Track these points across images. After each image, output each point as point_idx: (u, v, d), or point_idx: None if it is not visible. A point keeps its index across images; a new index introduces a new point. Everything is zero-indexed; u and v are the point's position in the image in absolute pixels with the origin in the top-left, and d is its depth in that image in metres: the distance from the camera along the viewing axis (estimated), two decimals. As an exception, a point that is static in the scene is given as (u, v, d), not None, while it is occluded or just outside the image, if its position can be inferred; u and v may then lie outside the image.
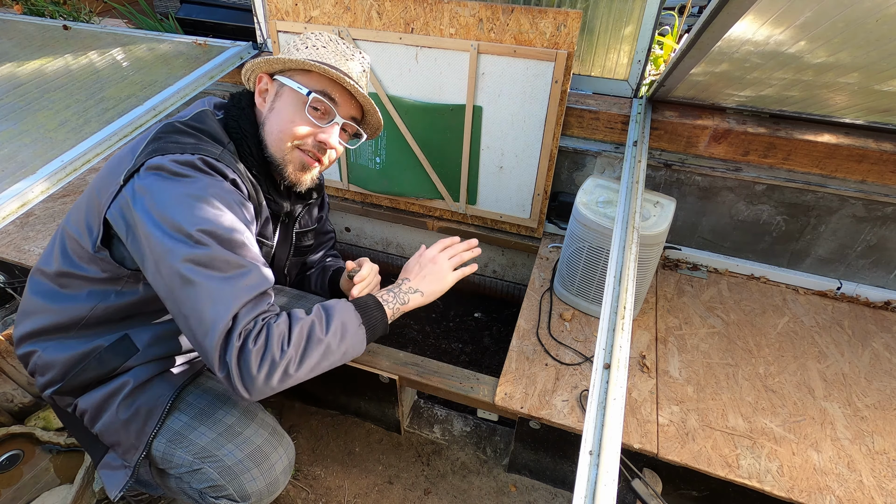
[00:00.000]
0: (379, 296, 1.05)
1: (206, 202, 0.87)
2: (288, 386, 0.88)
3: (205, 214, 0.86)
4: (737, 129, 1.61)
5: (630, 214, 1.26)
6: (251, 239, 0.93)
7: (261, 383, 0.84)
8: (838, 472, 1.19)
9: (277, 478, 1.09)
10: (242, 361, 0.83)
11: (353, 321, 0.96)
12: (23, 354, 1.06)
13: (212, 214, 0.87)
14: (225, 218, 0.88)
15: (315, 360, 0.89)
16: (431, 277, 1.11)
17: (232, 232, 0.88)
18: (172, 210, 0.85)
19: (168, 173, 0.88)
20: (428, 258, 1.13)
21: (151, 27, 3.00)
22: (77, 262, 1.00)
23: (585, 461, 0.75)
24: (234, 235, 0.88)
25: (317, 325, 0.91)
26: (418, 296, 1.09)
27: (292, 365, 0.86)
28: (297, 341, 0.88)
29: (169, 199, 0.86)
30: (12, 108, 1.83)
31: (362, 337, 0.97)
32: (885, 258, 1.72)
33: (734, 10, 0.92)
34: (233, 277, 0.86)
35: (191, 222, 0.84)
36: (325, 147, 1.05)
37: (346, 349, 0.94)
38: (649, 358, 1.47)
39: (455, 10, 1.60)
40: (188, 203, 0.86)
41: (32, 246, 1.88)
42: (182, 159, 0.90)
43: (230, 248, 0.87)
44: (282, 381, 0.86)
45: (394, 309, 1.05)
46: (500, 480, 1.55)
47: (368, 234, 2.41)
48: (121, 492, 1.05)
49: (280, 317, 0.90)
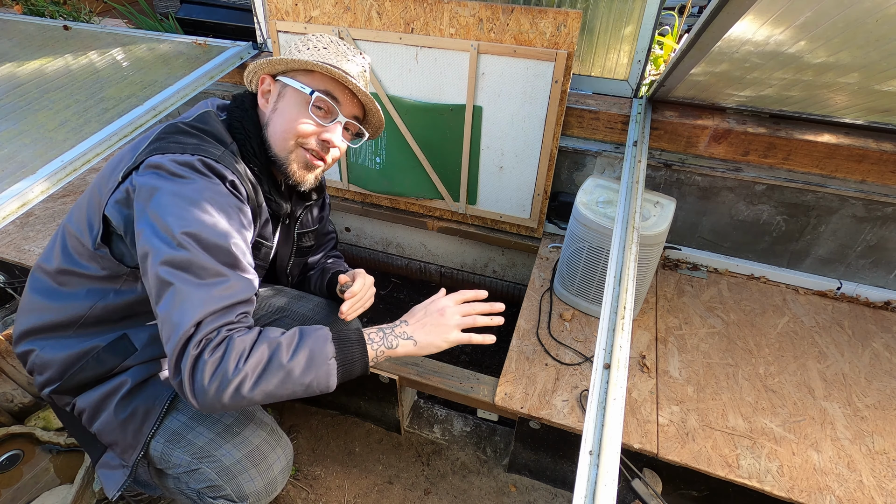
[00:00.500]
0: (367, 332, 0.95)
1: (197, 205, 0.86)
2: (245, 404, 0.84)
3: (192, 217, 0.85)
4: (737, 129, 1.61)
5: (630, 214, 1.26)
6: (242, 246, 0.91)
7: (211, 397, 0.80)
8: (838, 472, 1.19)
9: (275, 478, 1.09)
10: (196, 371, 0.80)
11: (323, 353, 0.88)
12: (21, 353, 1.06)
13: (199, 218, 0.85)
14: (213, 223, 0.87)
15: (273, 384, 0.83)
16: (431, 328, 0.98)
17: (218, 237, 0.86)
18: (163, 210, 0.85)
19: (166, 172, 0.88)
20: (437, 307, 1.00)
21: (151, 27, 3.01)
22: (77, 259, 1.00)
23: (585, 461, 0.75)
24: (219, 241, 0.86)
25: (283, 348, 0.85)
26: (410, 344, 0.97)
27: (246, 384, 0.81)
28: (257, 361, 0.82)
29: (162, 198, 0.86)
30: (12, 108, 1.83)
31: (331, 372, 0.88)
32: (885, 258, 1.72)
33: (734, 10, 0.92)
34: (207, 284, 0.83)
35: (177, 224, 0.84)
36: (328, 146, 1.05)
37: (310, 381, 0.86)
38: (649, 358, 1.47)
39: (455, 10, 1.60)
40: (179, 204, 0.86)
41: (32, 246, 1.88)
42: (181, 160, 0.90)
43: (213, 253, 0.86)
44: (234, 398, 0.81)
45: (378, 351, 0.94)
46: (500, 480, 1.55)
47: (368, 234, 2.41)
48: (119, 491, 1.05)
49: (249, 331, 0.85)
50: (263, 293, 1.40)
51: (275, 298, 1.40)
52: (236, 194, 0.95)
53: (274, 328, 0.90)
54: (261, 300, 1.38)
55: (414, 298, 2.37)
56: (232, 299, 0.85)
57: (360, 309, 1.24)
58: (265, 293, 1.41)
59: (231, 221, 0.90)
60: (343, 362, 0.90)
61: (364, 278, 1.27)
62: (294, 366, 0.85)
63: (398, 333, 0.97)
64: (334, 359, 0.89)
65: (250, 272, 0.92)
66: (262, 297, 1.39)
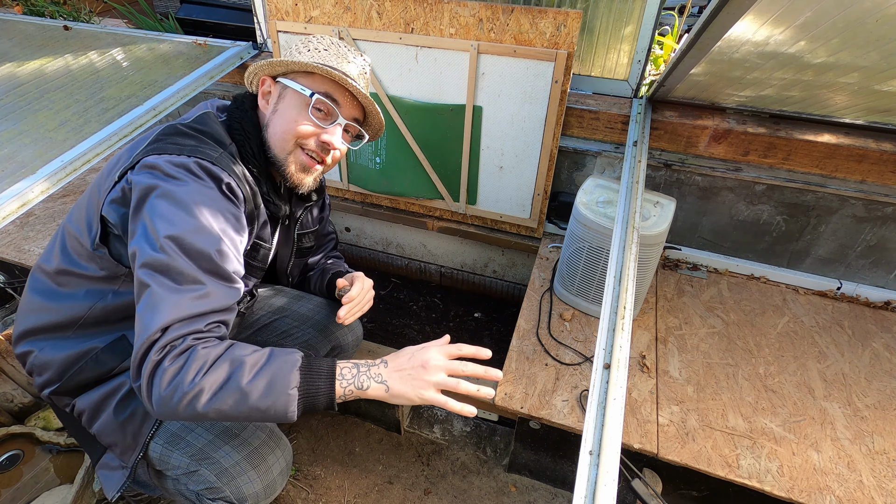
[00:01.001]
0: (341, 367, 0.89)
1: (187, 208, 0.86)
2: (203, 419, 0.81)
3: (179, 221, 0.84)
4: (737, 129, 1.60)
5: (630, 214, 1.26)
6: (229, 252, 0.89)
7: (166, 406, 0.79)
8: (838, 472, 1.19)
9: (275, 480, 1.09)
10: (155, 377, 0.79)
11: (286, 381, 0.82)
12: (20, 353, 1.07)
13: (186, 222, 0.85)
14: (200, 227, 0.86)
15: (228, 405, 0.80)
16: (408, 379, 0.88)
17: (202, 243, 0.85)
18: (153, 211, 0.85)
19: (161, 173, 0.88)
20: (422, 357, 0.89)
21: (151, 27, 3.00)
22: (76, 259, 1.00)
23: (585, 461, 0.75)
24: (202, 247, 0.85)
25: (245, 368, 0.81)
26: (381, 388, 0.89)
27: (200, 399, 0.78)
28: (216, 378, 0.79)
29: (154, 199, 0.86)
30: (12, 108, 1.83)
31: (290, 402, 0.82)
32: (885, 258, 1.72)
33: (734, 10, 0.92)
34: (181, 290, 0.82)
35: (163, 227, 0.84)
36: (328, 147, 1.05)
37: (267, 408, 0.81)
38: (649, 358, 1.47)
39: (455, 10, 1.60)
40: (168, 207, 0.85)
41: (32, 246, 1.88)
42: (177, 161, 0.89)
43: (194, 259, 0.84)
44: (188, 410, 0.78)
45: (346, 389, 0.87)
46: (500, 480, 1.55)
47: (368, 234, 2.41)
48: (118, 492, 1.05)
49: (218, 343, 0.83)
50: (263, 293, 1.40)
51: (275, 298, 1.40)
52: (231, 197, 0.94)
53: (247, 345, 0.87)
54: (261, 300, 1.38)
55: (414, 298, 2.37)
56: (205, 307, 0.84)
57: (358, 313, 1.24)
58: (265, 293, 1.41)
59: (221, 226, 0.89)
60: (306, 394, 0.84)
61: (362, 282, 1.27)
62: (252, 389, 0.80)
63: (373, 374, 0.89)
64: (297, 389, 0.83)
65: (233, 280, 0.90)
66: (262, 297, 1.39)
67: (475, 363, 0.89)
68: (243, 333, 1.35)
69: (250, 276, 1.13)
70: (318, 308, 1.40)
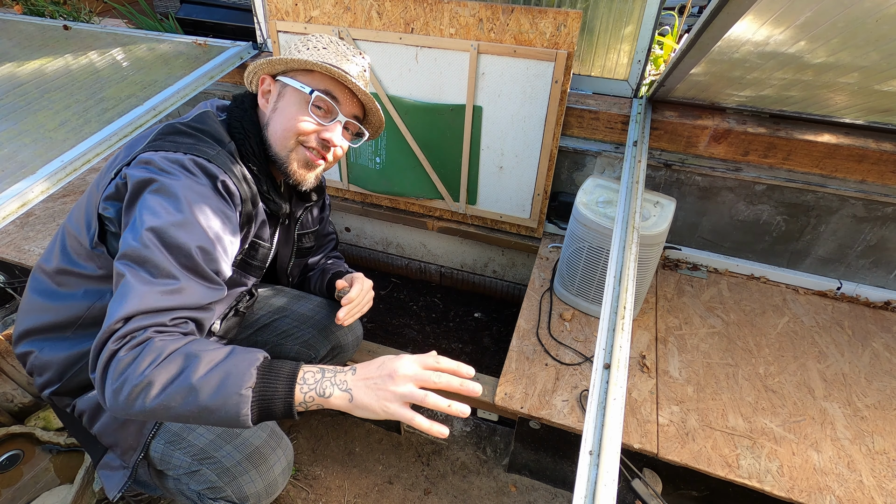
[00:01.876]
0: (306, 371, 0.80)
1: (174, 202, 0.85)
2: (153, 417, 0.75)
3: (163, 214, 0.84)
4: (737, 129, 1.61)
5: (630, 214, 1.26)
6: (212, 250, 0.87)
7: (116, 398, 0.74)
8: (838, 472, 1.19)
9: (276, 479, 1.09)
10: (109, 368, 0.75)
11: (240, 380, 0.75)
12: (21, 354, 1.07)
13: (170, 216, 0.84)
14: (184, 223, 0.84)
15: (177, 401, 0.73)
16: (374, 390, 0.77)
17: (184, 238, 0.83)
18: (143, 204, 0.85)
19: (155, 167, 0.88)
20: (391, 367, 0.79)
21: (151, 27, 3.00)
22: (75, 259, 1.00)
23: (585, 461, 0.75)
24: (183, 242, 0.83)
25: (200, 363, 0.74)
26: (345, 398, 0.78)
27: (150, 392, 0.72)
28: (168, 371, 0.73)
29: (146, 193, 0.86)
30: (12, 108, 1.83)
31: (242, 403, 0.74)
32: (885, 258, 1.72)
33: (734, 10, 0.92)
34: (153, 283, 0.79)
35: (147, 219, 0.83)
36: (328, 145, 1.05)
37: (217, 408, 0.74)
38: (649, 358, 1.47)
39: (455, 10, 1.60)
40: (156, 200, 0.85)
41: (32, 246, 1.88)
42: (172, 157, 0.90)
43: (173, 254, 0.82)
44: (138, 405, 0.73)
45: (307, 395, 0.78)
46: (500, 480, 1.55)
47: (368, 234, 2.41)
48: (119, 492, 1.05)
49: (179, 338, 0.78)
50: (263, 293, 1.40)
51: (275, 298, 1.40)
52: (225, 196, 0.93)
53: (211, 341, 0.81)
54: (261, 300, 1.38)
55: (414, 298, 2.37)
56: (173, 303, 0.80)
57: (357, 314, 1.24)
58: (265, 293, 1.41)
59: (208, 223, 0.88)
60: (261, 396, 0.76)
61: (362, 283, 1.27)
62: (203, 385, 0.73)
63: (338, 381, 0.79)
64: (251, 389, 0.75)
65: (212, 280, 0.88)
66: (262, 296, 1.39)
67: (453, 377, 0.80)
68: (243, 333, 1.35)
69: (250, 276, 1.14)
70: (319, 308, 1.40)
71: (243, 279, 1.12)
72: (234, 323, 1.19)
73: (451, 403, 0.77)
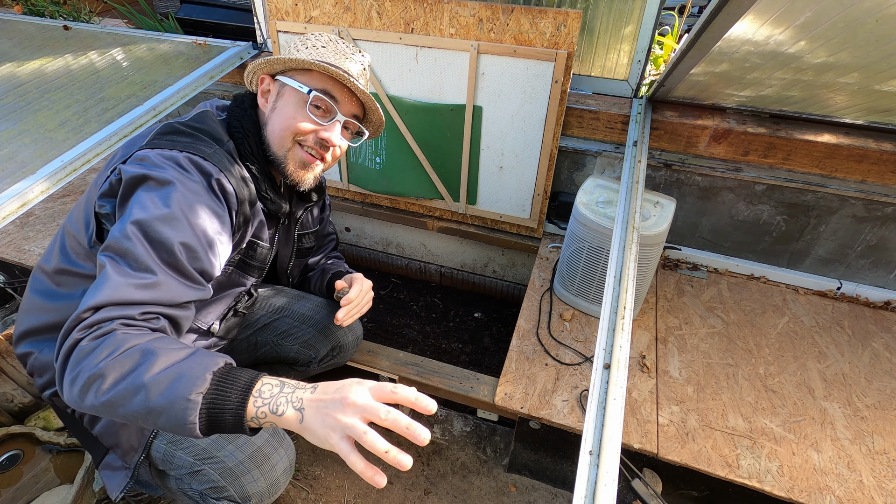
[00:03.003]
0: (265, 382, 0.72)
1: (163, 197, 0.85)
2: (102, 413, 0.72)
3: (150, 207, 0.83)
4: (737, 129, 1.61)
5: (630, 214, 1.26)
6: (196, 247, 0.86)
7: (70, 390, 0.72)
8: (838, 472, 1.19)
9: (278, 479, 1.09)
10: (71, 357, 0.72)
11: (191, 384, 0.69)
12: (21, 354, 1.06)
13: (156, 210, 0.83)
14: (169, 218, 0.83)
15: (126, 398, 0.69)
16: (323, 414, 0.67)
17: (167, 233, 0.82)
18: (132, 199, 0.86)
19: (149, 163, 0.89)
20: (345, 394, 0.68)
21: (151, 27, 3.00)
22: (74, 259, 1.00)
23: (585, 461, 0.75)
24: (165, 238, 0.82)
25: (155, 362, 0.70)
26: (296, 417, 0.69)
27: (101, 386, 0.69)
28: (122, 365, 0.70)
29: (138, 188, 0.87)
30: (12, 108, 1.83)
31: (190, 410, 0.68)
32: (885, 258, 1.72)
33: (734, 10, 0.92)
34: (130, 275, 0.78)
35: (135, 212, 0.83)
36: (327, 144, 1.05)
37: (162, 410, 0.69)
38: (649, 358, 1.47)
39: (455, 10, 1.60)
40: (146, 195, 0.85)
41: (32, 246, 1.88)
42: (167, 154, 0.90)
43: (155, 248, 0.82)
44: (89, 398, 0.70)
45: (259, 409, 0.70)
46: (500, 480, 1.55)
47: (368, 234, 2.41)
48: (122, 492, 1.05)
49: (145, 333, 0.75)
50: (263, 293, 1.40)
51: (275, 298, 1.40)
52: (218, 195, 0.93)
53: (177, 341, 0.78)
54: (261, 300, 1.38)
55: (414, 298, 2.37)
56: (146, 297, 0.78)
57: (356, 315, 1.24)
58: (265, 293, 1.41)
59: (196, 221, 0.86)
60: (211, 405, 0.70)
61: (361, 284, 1.27)
62: (152, 385, 0.68)
63: (294, 399, 0.70)
64: (201, 395, 0.69)
65: (192, 278, 0.86)
66: (262, 296, 1.40)
67: (405, 413, 0.67)
68: (243, 333, 1.36)
69: (249, 276, 1.14)
70: (319, 308, 1.40)
71: (242, 279, 1.12)
72: (234, 323, 1.19)
73: (389, 449, 0.64)
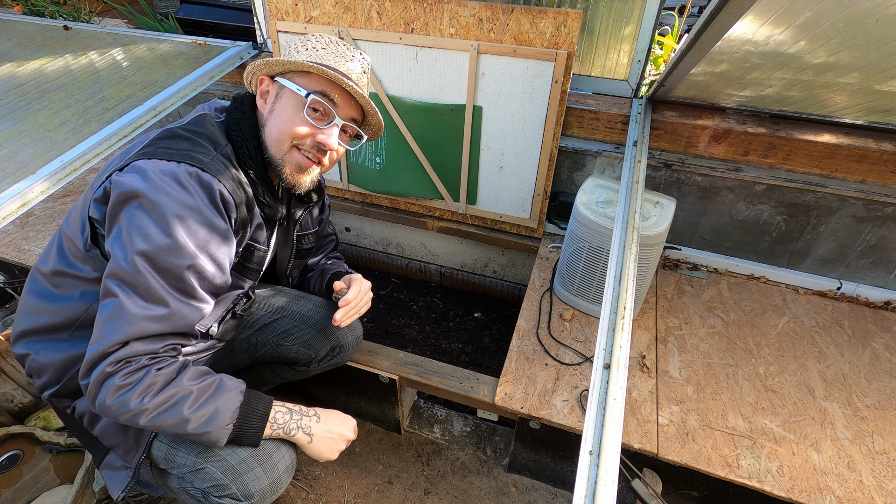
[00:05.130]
0: (277, 409, 1.03)
1: (165, 224, 0.86)
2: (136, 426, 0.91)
3: (154, 237, 0.85)
4: (737, 129, 1.61)
5: (630, 214, 1.26)
6: (206, 269, 0.91)
7: (106, 412, 0.87)
8: (838, 472, 1.19)
9: (280, 476, 1.09)
10: (103, 387, 0.85)
11: (224, 418, 0.93)
12: (19, 355, 1.06)
13: (160, 240, 0.86)
14: (175, 245, 0.86)
15: (167, 425, 0.89)
16: (330, 443, 1.09)
17: (175, 260, 0.87)
18: (131, 220, 0.86)
19: (145, 179, 0.88)
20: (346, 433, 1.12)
21: (151, 27, 3.01)
22: (71, 260, 1.00)
23: (585, 461, 0.75)
24: (174, 266, 0.87)
25: (191, 399, 0.90)
26: (305, 440, 1.06)
27: (142, 417, 0.86)
28: (161, 402, 0.87)
29: (133, 207, 0.87)
30: (12, 108, 1.83)
31: (223, 435, 0.94)
32: (885, 258, 1.72)
33: (734, 10, 0.92)
34: (146, 307, 0.86)
35: (137, 241, 0.85)
36: (324, 148, 1.05)
37: (201, 434, 0.92)
38: (649, 358, 1.47)
39: (455, 10, 1.60)
40: (146, 220, 0.86)
41: (32, 246, 1.88)
42: (166, 169, 0.89)
43: (164, 277, 0.87)
44: (129, 421, 0.87)
45: (275, 432, 1.03)
46: (500, 480, 1.55)
47: (368, 234, 2.41)
48: (123, 492, 1.05)
49: (168, 366, 0.89)
50: (263, 293, 1.40)
51: (275, 298, 1.40)
52: (220, 207, 0.93)
53: (198, 369, 0.95)
54: (260, 300, 1.38)
55: (414, 298, 2.37)
56: (165, 328, 0.88)
57: (354, 315, 1.24)
58: (265, 293, 1.41)
59: (200, 241, 0.90)
60: (239, 430, 0.97)
61: (359, 285, 1.26)
62: (192, 418, 0.89)
63: (304, 425, 1.05)
64: (232, 425, 0.95)
65: (200, 299, 0.93)
66: (262, 297, 1.39)
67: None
68: (243, 334, 1.35)
69: (246, 279, 1.13)
70: (318, 308, 1.40)
71: (240, 282, 1.12)
72: (232, 326, 1.19)
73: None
